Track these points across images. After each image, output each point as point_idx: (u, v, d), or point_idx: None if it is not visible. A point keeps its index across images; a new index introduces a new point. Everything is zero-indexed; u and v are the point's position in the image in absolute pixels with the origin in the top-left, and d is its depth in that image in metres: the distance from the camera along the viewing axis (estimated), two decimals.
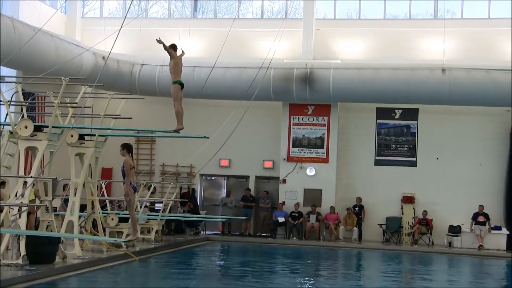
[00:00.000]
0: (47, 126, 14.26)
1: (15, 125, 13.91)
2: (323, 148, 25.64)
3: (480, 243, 23.96)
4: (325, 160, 25.59)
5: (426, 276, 17.81)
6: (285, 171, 25.75)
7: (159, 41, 14.58)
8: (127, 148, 15.41)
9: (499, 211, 24.76)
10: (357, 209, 25.20)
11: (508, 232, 24.24)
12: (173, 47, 15.08)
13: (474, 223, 24.32)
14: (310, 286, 14.35)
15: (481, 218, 24.30)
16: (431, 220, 24.72)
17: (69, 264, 14.16)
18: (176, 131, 15.08)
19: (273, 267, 18.28)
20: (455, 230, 24.54)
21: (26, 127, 13.83)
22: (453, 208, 24.88)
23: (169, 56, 15.02)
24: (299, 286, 14.43)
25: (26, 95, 18.48)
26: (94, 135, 16.80)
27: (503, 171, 24.96)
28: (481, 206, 24.37)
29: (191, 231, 25.29)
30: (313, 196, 25.47)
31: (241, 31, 24.69)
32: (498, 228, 24.35)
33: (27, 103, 15.90)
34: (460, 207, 24.76)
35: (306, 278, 15.85)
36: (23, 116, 14.54)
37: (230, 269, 17.59)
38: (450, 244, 24.44)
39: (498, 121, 25.10)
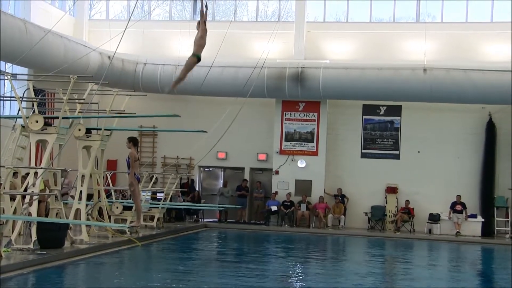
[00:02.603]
0: (57, 118, 14.22)
1: (27, 119, 13.88)
2: (313, 142, 25.66)
3: (458, 230, 24.07)
4: (315, 153, 25.61)
5: (408, 260, 17.87)
6: (277, 163, 25.77)
7: (202, 11, 13.47)
8: (133, 141, 15.43)
9: (475, 200, 24.87)
10: (340, 198, 25.24)
11: (483, 220, 24.37)
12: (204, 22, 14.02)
13: (452, 211, 24.42)
14: (302, 269, 14.38)
15: (458, 207, 24.39)
16: (413, 208, 24.78)
17: (77, 248, 14.15)
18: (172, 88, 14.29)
19: (267, 252, 18.32)
20: (434, 218, 24.62)
21: (37, 122, 13.80)
22: (433, 197, 24.96)
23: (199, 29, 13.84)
24: (291, 269, 14.45)
25: (36, 91, 18.44)
26: (100, 129, 16.79)
27: (479, 164, 25.06)
28: (459, 196, 24.46)
29: (191, 218, 25.31)
30: (303, 187, 25.50)
31: (237, 33, 24.64)
32: (474, 216, 24.45)
33: (37, 99, 15.85)
34: (439, 196, 24.84)
35: (297, 262, 15.88)
36: (34, 111, 14.49)
37: (226, 254, 17.62)
38: (430, 231, 24.52)
39: (474, 117, 25.17)
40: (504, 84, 22.61)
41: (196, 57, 13.58)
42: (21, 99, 14.56)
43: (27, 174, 14.44)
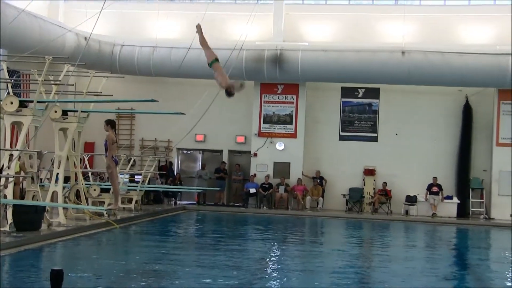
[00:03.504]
0: (32, 101, 14.11)
1: (1, 101, 13.73)
2: (291, 124, 25.71)
3: (434, 211, 24.34)
4: (293, 136, 25.67)
5: (384, 241, 18.06)
6: (256, 146, 25.80)
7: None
8: (110, 123, 15.35)
9: (451, 182, 25.14)
10: (318, 180, 25.36)
11: (458, 201, 24.67)
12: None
13: (428, 193, 24.68)
14: (280, 251, 14.46)
15: (435, 189, 24.65)
16: (390, 190, 25.01)
17: (54, 231, 14.11)
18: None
19: (245, 234, 18.39)
20: (411, 200, 24.86)
21: (11, 103, 13.68)
22: (410, 179, 25.19)
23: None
24: (269, 250, 14.53)
25: (11, 72, 18.20)
26: (77, 111, 16.67)
27: (455, 146, 25.31)
28: (435, 178, 24.72)
29: (169, 201, 25.30)
30: (282, 169, 25.59)
31: (215, 14, 24.52)
32: (450, 197, 24.74)
33: (12, 80, 15.68)
34: (416, 178, 25.08)
35: (276, 243, 15.97)
36: (8, 93, 14.34)
37: (205, 235, 17.67)
38: (407, 212, 24.76)
39: (451, 100, 25.38)
40: (481, 67, 22.85)
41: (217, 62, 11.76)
42: None
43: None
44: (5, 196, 13.08)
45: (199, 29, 12.03)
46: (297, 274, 11.18)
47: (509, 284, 11.30)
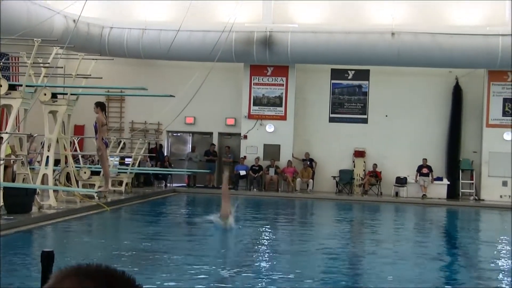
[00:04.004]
0: (21, 85, 14.12)
1: None
2: (281, 106, 25.77)
3: (424, 193, 24.53)
4: (283, 118, 25.75)
5: (374, 223, 18.24)
6: (246, 128, 25.87)
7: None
8: (100, 106, 15.41)
9: (441, 163, 25.33)
10: (308, 163, 25.49)
11: (448, 183, 24.84)
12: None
13: (418, 174, 24.84)
14: (269, 233, 14.60)
15: (425, 170, 24.82)
16: (380, 172, 25.17)
17: (44, 214, 14.19)
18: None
19: (235, 216, 18.49)
20: (401, 181, 25.04)
21: (1, 86, 13.67)
22: (400, 161, 25.32)
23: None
24: (259, 232, 14.66)
25: None
26: (67, 94, 16.68)
27: (445, 127, 25.44)
28: (425, 159, 24.89)
29: (159, 183, 25.39)
30: (272, 151, 25.68)
31: None
32: (439, 179, 24.93)
33: (0, 63, 15.66)
34: (406, 160, 25.21)
35: (266, 225, 16.11)
36: None
37: (195, 218, 17.77)
38: (397, 194, 24.95)
39: (441, 81, 25.49)
40: (471, 48, 22.94)
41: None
42: None
43: None
44: None
45: (226, 179, 13.48)
46: (286, 256, 11.30)
47: (498, 264, 11.48)
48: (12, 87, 13.99)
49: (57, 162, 17.14)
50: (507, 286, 9.43)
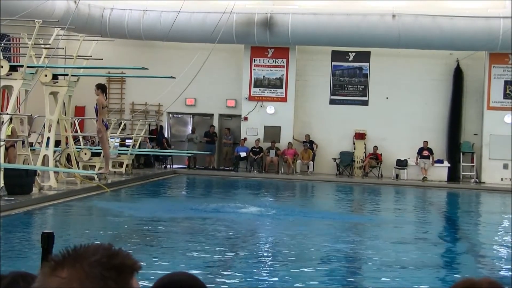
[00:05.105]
0: (22, 66, 14.12)
1: None
2: (282, 88, 25.76)
3: (424, 175, 24.55)
4: (283, 100, 25.74)
5: (374, 205, 18.31)
6: (246, 110, 25.87)
7: None
8: (101, 88, 15.43)
9: (442, 146, 25.34)
10: (309, 144, 25.49)
11: (449, 165, 24.86)
12: None
13: (419, 157, 24.84)
14: (271, 213, 14.65)
15: (425, 153, 24.83)
16: (381, 154, 25.19)
17: (45, 195, 14.26)
18: None
19: (235, 197, 18.57)
20: (402, 164, 25.07)
21: (2, 67, 13.68)
22: (401, 143, 25.32)
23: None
24: (260, 213, 14.72)
25: (0, 36, 18.17)
26: (67, 75, 16.68)
27: (446, 110, 25.42)
28: (426, 142, 24.89)
29: (160, 165, 25.46)
30: (272, 133, 25.71)
31: None
32: (440, 161, 24.94)
33: (2, 44, 15.65)
34: (407, 142, 25.21)
35: (266, 207, 16.17)
36: None
37: (195, 198, 17.85)
38: (397, 176, 25.00)
39: (442, 63, 25.44)
40: (472, 30, 22.87)
41: None
42: None
43: None
44: None
45: None
46: (285, 239, 11.34)
47: (498, 247, 11.54)
48: (13, 68, 14.00)
49: (57, 143, 17.19)
50: (506, 269, 9.50)
